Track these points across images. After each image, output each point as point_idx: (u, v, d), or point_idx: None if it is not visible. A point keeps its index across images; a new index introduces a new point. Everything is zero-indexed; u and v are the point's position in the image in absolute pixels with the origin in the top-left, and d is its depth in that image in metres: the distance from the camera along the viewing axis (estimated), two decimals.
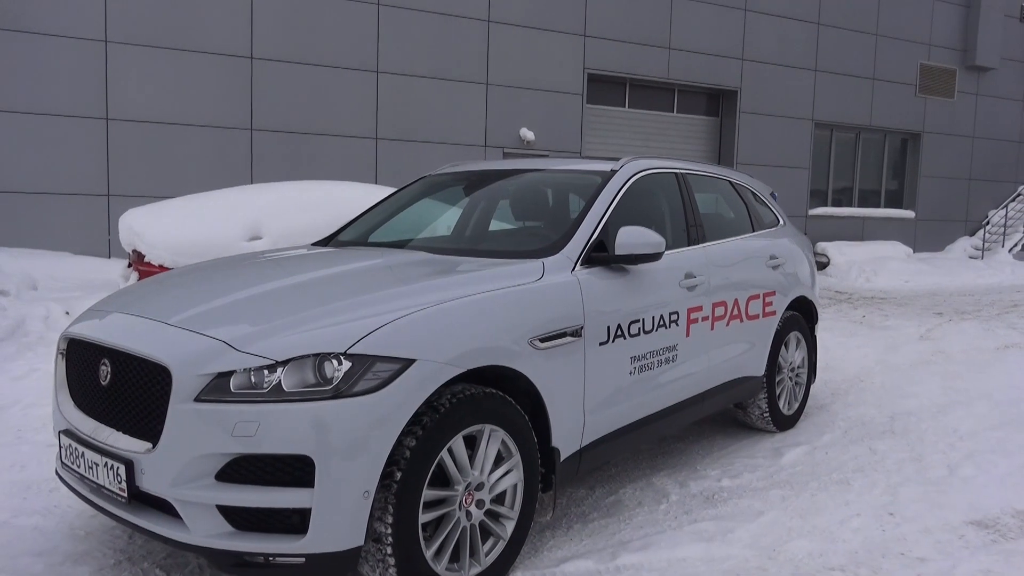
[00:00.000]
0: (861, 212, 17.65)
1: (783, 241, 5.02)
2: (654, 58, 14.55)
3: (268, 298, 2.81)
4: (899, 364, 6.91)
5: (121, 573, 2.87)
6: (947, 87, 18.34)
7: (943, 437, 4.74)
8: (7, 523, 3.24)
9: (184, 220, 6.93)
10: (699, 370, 3.97)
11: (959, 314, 10.10)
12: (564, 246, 3.33)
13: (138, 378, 2.53)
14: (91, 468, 2.62)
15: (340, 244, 4.13)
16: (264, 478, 2.35)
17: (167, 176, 10.65)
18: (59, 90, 10.08)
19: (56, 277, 8.60)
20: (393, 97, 12.20)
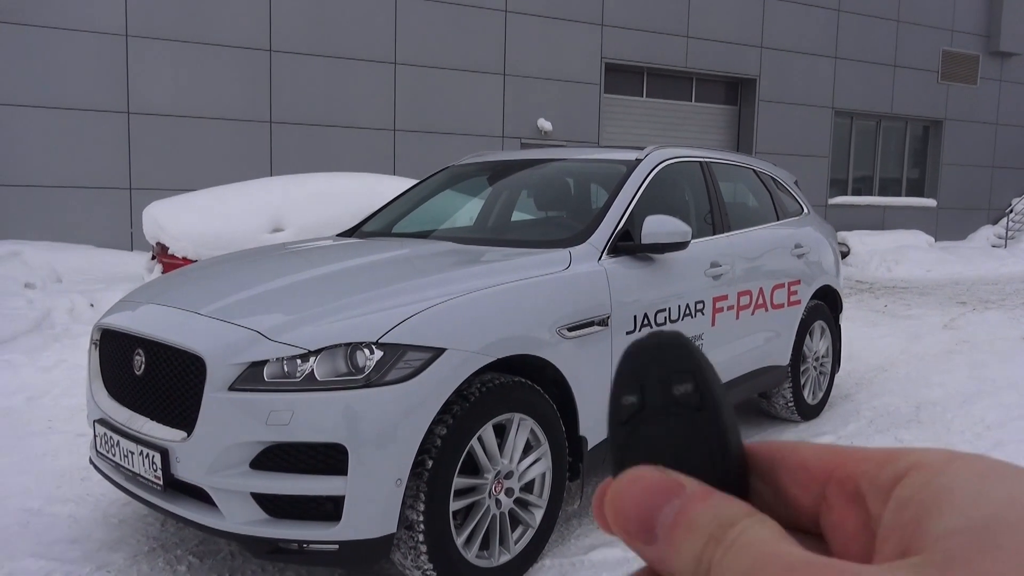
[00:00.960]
0: (882, 201, 17.47)
1: (808, 229, 4.98)
2: (672, 47, 14.45)
3: (298, 289, 2.84)
4: (923, 353, 6.85)
5: (155, 560, 2.91)
6: (970, 73, 18.09)
7: (970, 427, 4.70)
8: (41, 511, 3.29)
9: (207, 212, 6.98)
10: (724, 359, 3.96)
11: (983, 303, 9.99)
12: (590, 235, 3.32)
13: (172, 368, 2.56)
14: (126, 456, 2.66)
15: (364, 235, 4.15)
16: (298, 466, 2.37)
17: (187, 169, 10.72)
18: (80, 85, 10.17)
19: (80, 270, 8.70)
20: (411, 89, 12.20)
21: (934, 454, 0.29)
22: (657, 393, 0.33)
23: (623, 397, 0.34)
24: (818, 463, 0.32)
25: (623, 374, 0.34)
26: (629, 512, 0.30)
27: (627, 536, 0.30)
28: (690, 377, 0.33)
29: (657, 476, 0.31)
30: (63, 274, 8.12)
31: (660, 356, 0.34)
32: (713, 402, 0.33)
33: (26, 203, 10.00)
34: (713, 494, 0.30)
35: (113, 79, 10.36)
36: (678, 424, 0.33)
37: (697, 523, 0.29)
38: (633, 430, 0.33)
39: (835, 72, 16.32)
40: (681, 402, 0.33)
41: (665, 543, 0.29)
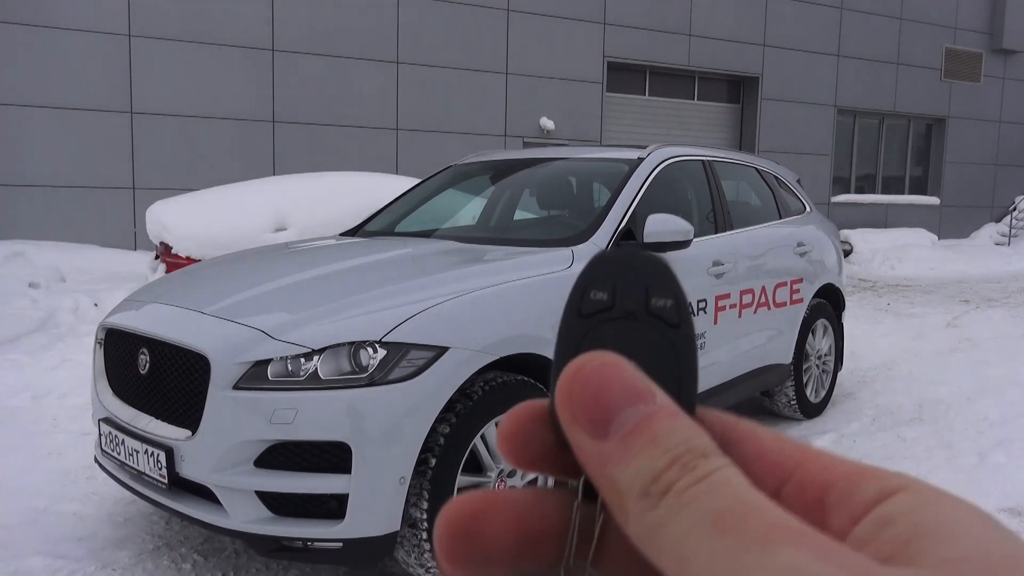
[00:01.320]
0: (885, 199, 17.45)
1: (810, 228, 4.99)
2: (674, 45, 14.44)
3: (301, 288, 2.85)
4: (926, 352, 6.85)
5: (160, 558, 2.92)
6: (973, 71, 18.06)
7: (973, 425, 4.70)
8: (48, 509, 3.31)
9: (210, 212, 7.00)
10: (726, 358, 3.97)
11: (986, 301, 9.98)
12: (593, 234, 3.33)
13: (177, 367, 2.58)
14: (131, 455, 2.67)
15: (367, 234, 4.16)
16: (302, 464, 2.39)
17: (190, 169, 10.75)
18: (84, 84, 10.19)
19: (84, 269, 8.73)
20: (413, 88, 12.21)
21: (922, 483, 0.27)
22: (632, 298, 0.30)
23: (591, 291, 0.31)
24: (779, 458, 0.29)
25: (595, 270, 0.31)
26: (586, 394, 0.27)
27: (571, 420, 0.27)
28: (671, 294, 0.31)
29: (631, 372, 0.28)
30: (67, 274, 8.14)
31: (641, 266, 0.31)
32: (689, 325, 0.30)
33: (30, 203, 10.02)
34: (683, 416, 0.28)
35: (117, 79, 10.39)
36: (648, 333, 0.30)
37: (664, 437, 0.26)
38: (596, 325, 0.30)
39: (838, 70, 16.30)
40: (657, 314, 0.30)
41: (618, 445, 0.26)
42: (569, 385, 0.28)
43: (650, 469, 0.26)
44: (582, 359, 0.28)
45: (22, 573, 2.78)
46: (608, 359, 0.28)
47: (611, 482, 0.27)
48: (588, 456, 0.27)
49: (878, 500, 0.26)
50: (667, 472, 0.26)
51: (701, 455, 0.26)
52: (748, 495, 0.25)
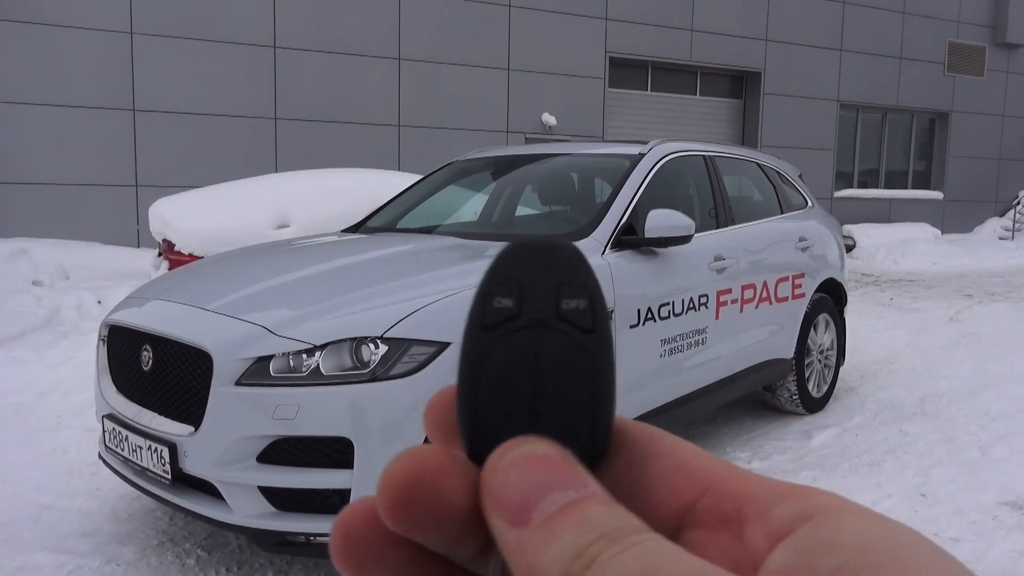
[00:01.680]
0: (888, 194, 17.42)
1: (812, 223, 4.99)
2: (677, 40, 14.41)
3: (303, 284, 2.86)
4: (929, 346, 6.84)
5: (164, 553, 2.94)
6: (976, 65, 18.00)
7: (975, 419, 4.71)
8: (52, 505, 3.33)
9: (213, 209, 7.01)
10: (728, 353, 3.97)
11: (989, 295, 9.97)
12: (594, 230, 3.34)
13: (179, 363, 2.59)
14: (135, 451, 2.69)
15: (369, 230, 4.17)
16: (304, 459, 2.40)
17: (193, 166, 10.76)
18: (86, 82, 10.21)
19: (87, 267, 8.75)
20: (415, 84, 12.21)
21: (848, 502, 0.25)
22: (540, 302, 0.28)
23: (495, 298, 0.28)
24: (698, 471, 0.28)
25: (498, 272, 0.28)
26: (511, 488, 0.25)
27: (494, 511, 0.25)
28: (584, 293, 0.28)
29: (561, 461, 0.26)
30: (71, 271, 8.17)
31: (549, 262, 0.28)
32: (605, 328, 0.28)
33: (33, 201, 10.05)
34: (616, 505, 0.25)
35: (119, 77, 10.40)
36: (559, 342, 0.27)
37: (592, 519, 0.24)
38: (501, 338, 0.27)
39: (840, 65, 16.26)
40: (568, 318, 0.27)
41: (539, 531, 0.24)
42: (491, 468, 0.26)
43: (574, 547, 0.23)
44: (508, 444, 0.26)
45: (28, 568, 2.80)
46: (536, 449, 0.26)
47: (529, 570, 0.24)
48: (508, 546, 0.25)
49: (803, 517, 0.25)
50: (593, 547, 0.23)
51: (633, 531, 0.24)
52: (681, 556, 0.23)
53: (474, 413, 0.27)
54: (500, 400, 0.27)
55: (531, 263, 0.28)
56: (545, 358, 0.27)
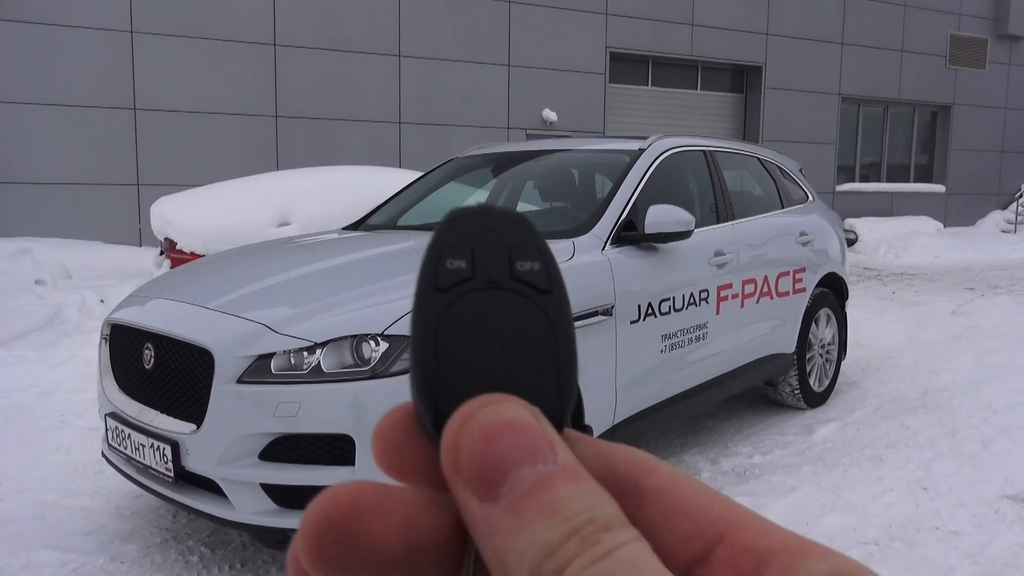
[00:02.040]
0: (890, 187, 17.39)
1: (812, 217, 4.98)
2: (677, 35, 14.39)
3: (304, 282, 2.87)
4: (931, 340, 6.84)
5: (167, 551, 2.95)
6: (978, 57, 17.95)
7: (977, 412, 4.71)
8: (56, 504, 3.34)
9: (214, 207, 7.02)
10: (729, 348, 3.98)
11: (992, 289, 9.96)
12: (594, 226, 3.34)
13: (181, 361, 2.60)
14: (138, 449, 2.70)
15: (370, 228, 4.17)
16: (306, 456, 2.41)
17: (194, 164, 10.77)
18: (87, 82, 10.22)
19: (89, 266, 8.77)
20: (415, 81, 12.20)
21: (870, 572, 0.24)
22: (494, 263, 0.27)
23: (447, 259, 0.27)
24: (706, 516, 0.26)
25: (448, 234, 0.28)
26: (475, 446, 0.24)
27: (454, 474, 0.24)
28: (537, 255, 0.27)
29: (530, 426, 0.24)
30: (73, 270, 8.19)
31: (500, 225, 0.28)
32: (561, 288, 0.27)
33: (35, 200, 10.07)
34: (587, 479, 0.24)
35: (119, 76, 10.41)
36: (516, 302, 0.27)
37: (563, 506, 0.23)
38: (456, 300, 0.27)
39: (841, 58, 16.22)
40: (524, 279, 0.27)
41: (508, 511, 0.23)
42: (455, 434, 0.24)
43: (544, 543, 0.22)
44: (472, 404, 0.25)
45: (32, 566, 2.81)
46: (504, 408, 0.24)
47: (496, 554, 0.23)
48: (473, 520, 0.23)
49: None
50: (563, 547, 0.22)
51: (604, 527, 0.22)
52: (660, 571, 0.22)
53: (434, 378, 0.26)
54: (460, 362, 0.26)
55: (481, 227, 0.28)
56: (503, 318, 0.27)
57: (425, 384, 0.26)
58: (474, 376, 0.26)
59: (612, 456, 0.27)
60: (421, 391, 0.26)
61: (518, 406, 0.25)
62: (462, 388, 0.26)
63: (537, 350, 0.26)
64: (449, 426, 0.24)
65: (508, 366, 0.26)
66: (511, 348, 0.26)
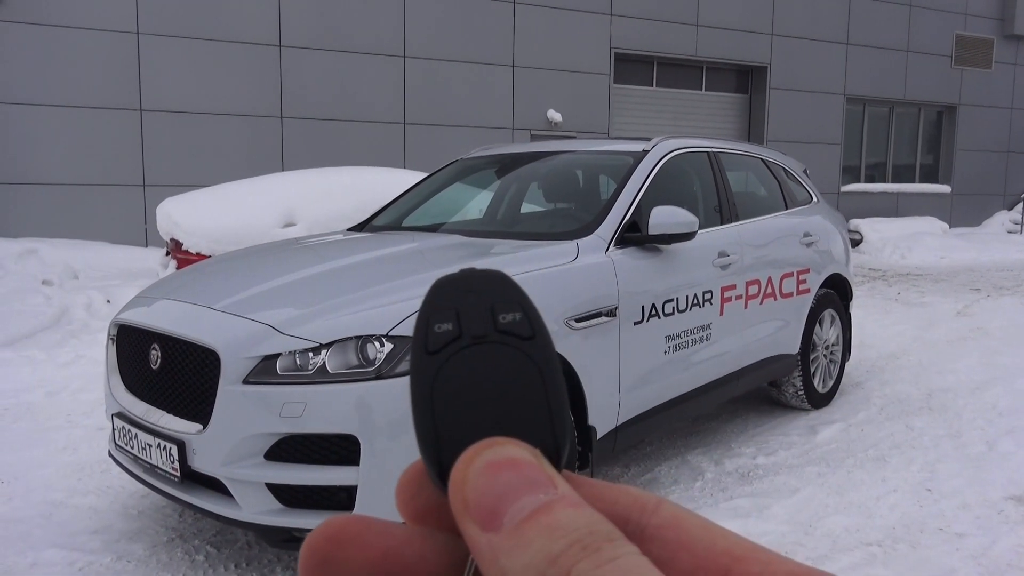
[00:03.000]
0: (895, 188, 17.35)
1: (816, 218, 4.98)
2: (681, 35, 14.38)
3: (309, 283, 2.88)
4: (936, 341, 6.83)
5: (174, 550, 2.97)
6: (984, 57, 17.89)
7: (982, 413, 4.70)
8: (63, 503, 3.37)
9: (220, 208, 7.05)
10: (733, 349, 3.98)
11: (997, 290, 9.93)
12: (597, 227, 3.35)
13: (187, 362, 2.62)
14: (144, 449, 2.72)
15: (375, 229, 4.19)
16: (311, 457, 2.42)
17: (200, 165, 10.81)
18: (93, 83, 10.26)
19: (96, 266, 8.81)
20: (420, 82, 12.22)
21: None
22: (478, 320, 0.29)
23: (434, 324, 0.29)
24: (708, 551, 0.26)
25: (434, 301, 0.30)
26: (479, 483, 0.25)
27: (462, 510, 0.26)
28: (518, 307, 0.29)
29: (530, 463, 0.26)
30: (79, 271, 8.23)
31: (480, 286, 0.30)
32: (543, 333, 0.29)
33: (42, 201, 10.11)
34: (586, 505, 0.25)
35: (125, 77, 10.45)
36: (504, 353, 0.29)
37: (563, 524, 0.24)
38: (447, 360, 0.29)
39: (847, 58, 16.19)
40: (507, 330, 0.29)
41: (511, 535, 0.24)
42: (463, 471, 0.26)
43: (546, 554, 0.23)
44: (478, 446, 0.27)
45: (40, 565, 2.83)
46: (505, 449, 0.26)
47: (502, 574, 0.24)
48: (479, 551, 0.25)
49: None
50: (565, 554, 0.23)
51: (606, 539, 0.23)
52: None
53: (434, 434, 0.28)
54: (458, 416, 0.28)
55: (463, 289, 0.30)
56: (493, 370, 0.28)
57: (426, 442, 0.28)
58: (472, 428, 0.28)
59: (613, 496, 0.28)
60: (424, 448, 0.28)
61: (518, 446, 0.27)
62: (462, 441, 0.28)
63: (528, 395, 0.28)
64: (457, 465, 0.26)
65: (503, 414, 0.28)
66: (504, 396, 0.28)
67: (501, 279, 0.30)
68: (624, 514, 0.27)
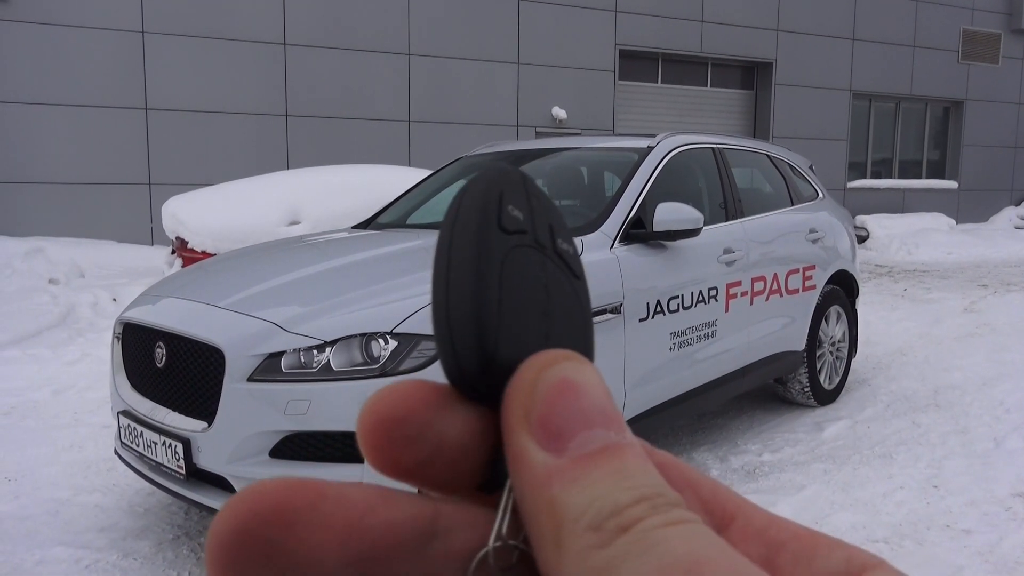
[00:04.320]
0: (901, 184, 17.28)
1: (822, 214, 4.97)
2: (687, 32, 14.34)
3: (314, 281, 2.88)
4: (943, 337, 6.80)
5: (179, 547, 2.98)
6: (991, 52, 17.80)
7: (989, 410, 4.68)
8: (70, 501, 3.38)
9: (225, 207, 7.06)
10: (738, 345, 3.97)
11: (1005, 286, 9.89)
12: (602, 223, 3.34)
13: (192, 360, 2.62)
14: (150, 447, 2.72)
15: (379, 227, 4.19)
16: (316, 454, 2.43)
17: (205, 163, 10.83)
18: (98, 82, 10.28)
19: (101, 265, 8.84)
20: (425, 79, 12.22)
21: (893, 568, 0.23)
22: (543, 229, 0.26)
23: (509, 207, 0.26)
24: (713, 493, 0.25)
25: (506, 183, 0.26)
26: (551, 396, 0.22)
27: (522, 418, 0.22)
28: (571, 242, 0.28)
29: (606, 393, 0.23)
30: (85, 269, 8.25)
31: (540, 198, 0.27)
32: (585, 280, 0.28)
33: (48, 200, 10.15)
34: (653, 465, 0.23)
35: (131, 76, 10.47)
36: (560, 275, 0.26)
37: (632, 475, 0.21)
38: (516, 246, 0.25)
39: (853, 54, 16.12)
40: (563, 256, 0.27)
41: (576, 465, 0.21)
42: (532, 378, 0.23)
43: (612, 500, 0.21)
44: (555, 354, 0.23)
45: (46, 563, 2.84)
46: (584, 367, 0.23)
47: (551, 505, 0.21)
48: (530, 467, 0.22)
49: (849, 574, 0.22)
50: (633, 508, 0.20)
51: (674, 503, 0.21)
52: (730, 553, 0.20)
53: (496, 319, 0.24)
54: (519, 308, 0.25)
55: (529, 191, 0.27)
56: (553, 284, 0.26)
57: (483, 326, 0.24)
58: (530, 328, 0.25)
59: None
60: (476, 334, 0.24)
61: (596, 374, 0.24)
62: (522, 336, 0.24)
63: (576, 322, 0.26)
64: (526, 367, 0.23)
65: (556, 331, 0.26)
66: (558, 315, 0.26)
67: (556, 207, 0.28)
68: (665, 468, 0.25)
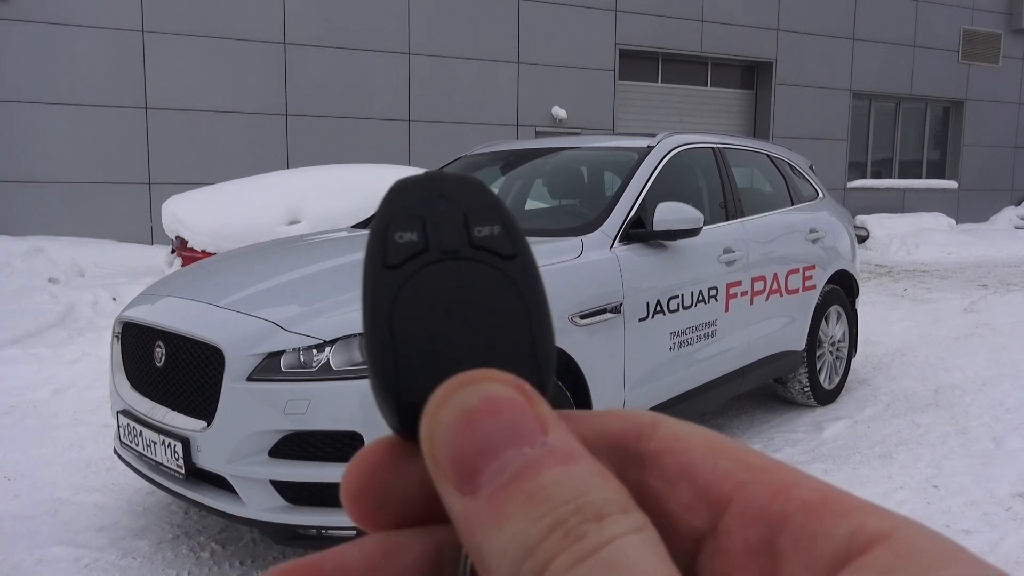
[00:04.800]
0: (901, 184, 17.27)
1: (823, 214, 4.96)
2: (687, 31, 14.34)
3: (313, 280, 2.88)
4: (943, 337, 6.80)
5: (179, 547, 2.98)
6: (991, 52, 17.79)
7: (989, 410, 4.68)
8: (69, 500, 3.37)
9: (225, 206, 7.06)
10: (738, 345, 3.97)
11: (1005, 286, 9.89)
12: (602, 223, 3.34)
13: (192, 359, 2.62)
14: (149, 446, 2.72)
15: None
16: (316, 454, 2.42)
17: (205, 163, 10.82)
18: (99, 81, 10.28)
19: (101, 264, 8.84)
20: (425, 79, 12.22)
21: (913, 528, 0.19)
22: (449, 232, 0.24)
23: (395, 233, 0.24)
24: (711, 477, 0.22)
25: (395, 206, 0.25)
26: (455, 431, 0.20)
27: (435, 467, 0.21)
28: (496, 219, 0.25)
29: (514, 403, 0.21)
30: (85, 268, 8.25)
31: (452, 191, 0.25)
32: (527, 252, 0.25)
33: (48, 199, 10.14)
34: (581, 459, 0.20)
35: (131, 75, 10.47)
36: (479, 271, 0.24)
37: (547, 494, 0.19)
38: (410, 277, 0.24)
39: (853, 53, 16.12)
40: (484, 246, 0.24)
41: (488, 505, 0.20)
42: (429, 422, 0.21)
43: (523, 539, 0.19)
44: (451, 384, 0.21)
45: (46, 562, 2.84)
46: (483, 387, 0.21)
47: (478, 555, 0.20)
48: (455, 519, 0.20)
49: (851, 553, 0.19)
50: (544, 543, 0.18)
51: (595, 517, 0.19)
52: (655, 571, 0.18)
53: (392, 367, 0.23)
54: (422, 345, 0.23)
55: (431, 195, 0.25)
56: (466, 291, 0.24)
57: (384, 379, 0.23)
58: (440, 359, 0.23)
59: (606, 424, 0.23)
60: (381, 383, 0.23)
61: (502, 383, 0.21)
62: (428, 374, 0.23)
63: (507, 321, 0.24)
64: (426, 411, 0.21)
65: (477, 343, 0.24)
66: (478, 323, 0.24)
67: (478, 186, 0.25)
68: (620, 443, 0.23)
